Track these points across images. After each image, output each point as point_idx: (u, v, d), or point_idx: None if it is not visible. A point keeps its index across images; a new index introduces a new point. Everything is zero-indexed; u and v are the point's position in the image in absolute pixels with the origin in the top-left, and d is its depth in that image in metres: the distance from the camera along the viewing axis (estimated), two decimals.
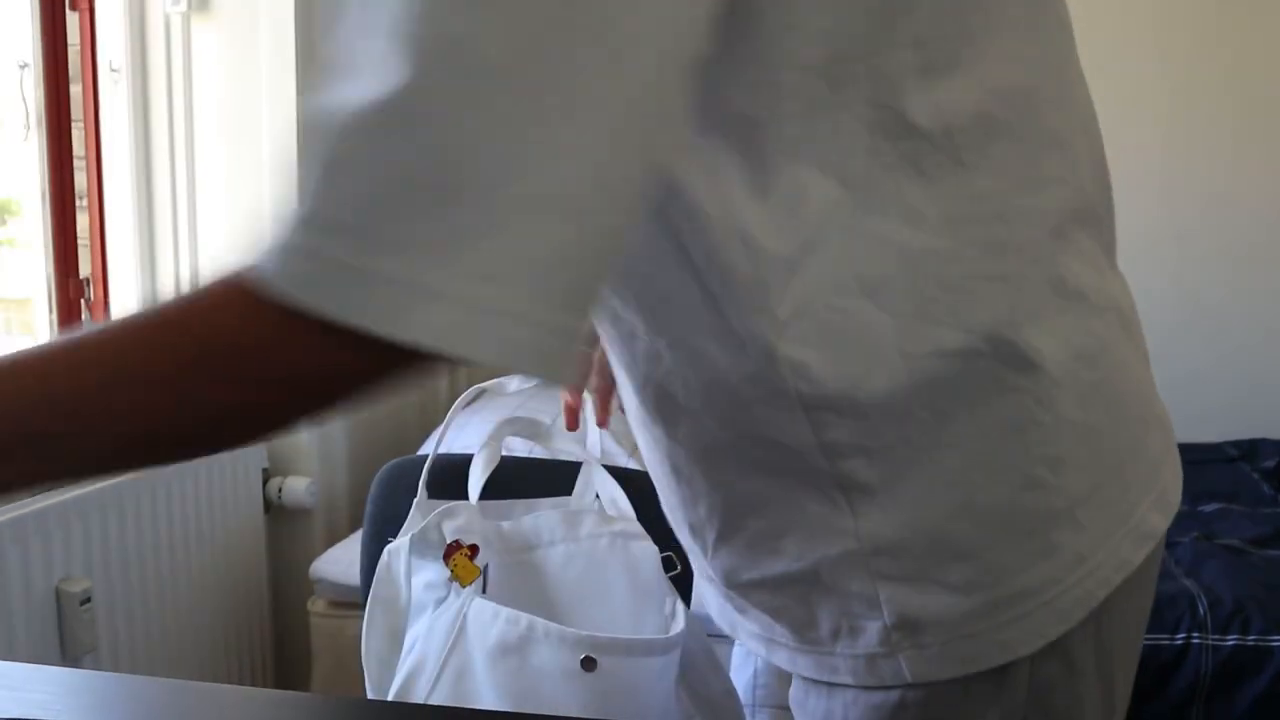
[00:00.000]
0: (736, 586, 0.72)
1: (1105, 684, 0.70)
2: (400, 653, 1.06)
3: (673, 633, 1.05)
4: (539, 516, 1.15)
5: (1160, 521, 0.70)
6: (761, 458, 0.64)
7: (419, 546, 1.09)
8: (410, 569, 1.08)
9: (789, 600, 0.69)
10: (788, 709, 1.73)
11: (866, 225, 0.57)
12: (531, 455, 1.28)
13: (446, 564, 1.06)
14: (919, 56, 0.55)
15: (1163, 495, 0.71)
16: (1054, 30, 0.63)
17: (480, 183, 0.43)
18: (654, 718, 1.00)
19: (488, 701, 0.98)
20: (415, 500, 1.15)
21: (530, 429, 1.24)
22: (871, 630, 0.65)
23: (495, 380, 1.21)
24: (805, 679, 0.72)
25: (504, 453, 1.27)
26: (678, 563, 1.11)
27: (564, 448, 1.24)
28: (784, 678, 0.89)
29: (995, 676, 0.65)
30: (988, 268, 0.60)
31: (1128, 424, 0.68)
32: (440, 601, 1.06)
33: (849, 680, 0.68)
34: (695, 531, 0.73)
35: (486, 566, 1.07)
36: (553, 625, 1.01)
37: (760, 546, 0.68)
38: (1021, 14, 0.60)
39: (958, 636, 0.64)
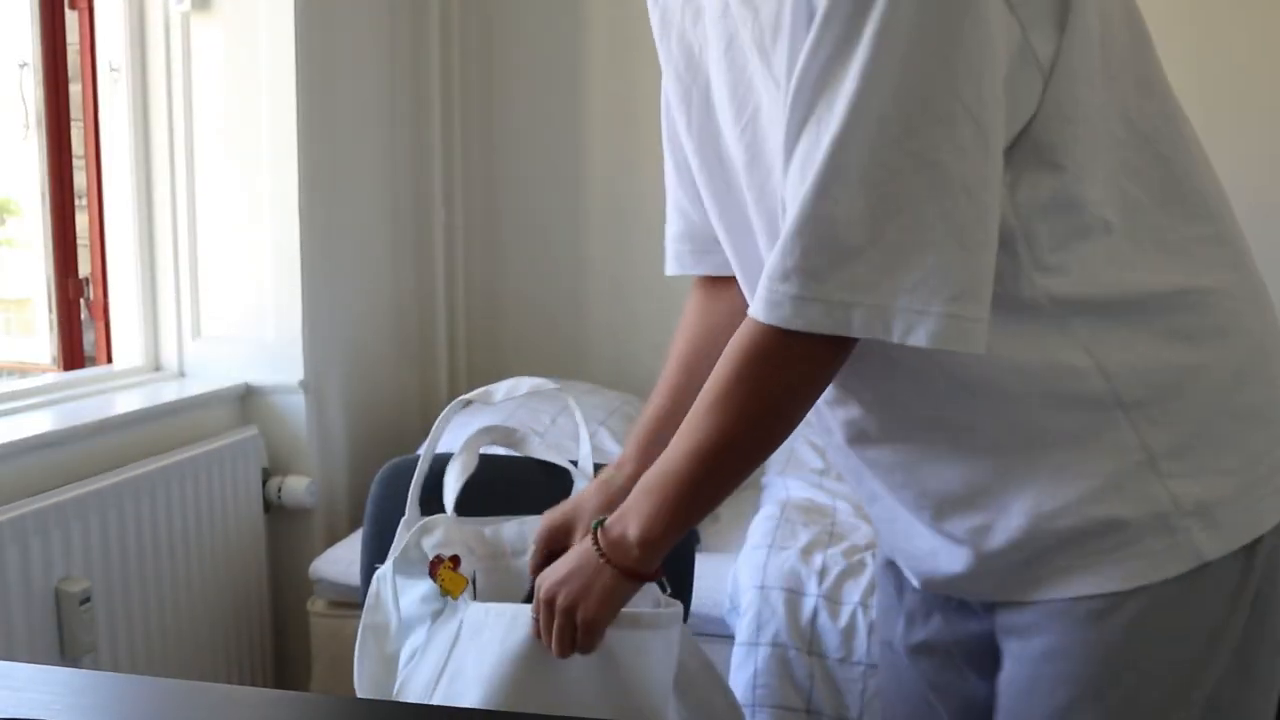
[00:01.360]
0: (1042, 520, 0.84)
1: None
2: (395, 678, 1.06)
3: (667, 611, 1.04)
4: (524, 523, 1.14)
5: None
6: (1050, 388, 0.81)
7: (403, 567, 1.08)
8: (397, 592, 1.08)
9: (1090, 521, 0.82)
10: (788, 709, 1.75)
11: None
12: (529, 456, 1.27)
13: (434, 580, 1.05)
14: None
15: None
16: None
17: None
18: (656, 694, 0.99)
19: (480, 691, 0.97)
20: (404, 519, 1.15)
21: (506, 437, 1.24)
22: (1167, 525, 0.80)
23: (481, 390, 1.19)
24: (1081, 600, 0.84)
25: (505, 451, 1.27)
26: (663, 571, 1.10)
27: (545, 456, 1.23)
28: (785, 677, 0.99)
29: (1248, 549, 0.82)
30: (1202, 232, 0.82)
31: None
32: (437, 614, 1.06)
33: (1142, 581, 0.81)
34: (987, 496, 0.86)
35: (474, 574, 1.07)
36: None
37: (1064, 477, 0.82)
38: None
39: (1234, 512, 0.81)
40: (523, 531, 1.14)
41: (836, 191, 0.74)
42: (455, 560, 1.06)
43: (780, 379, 0.82)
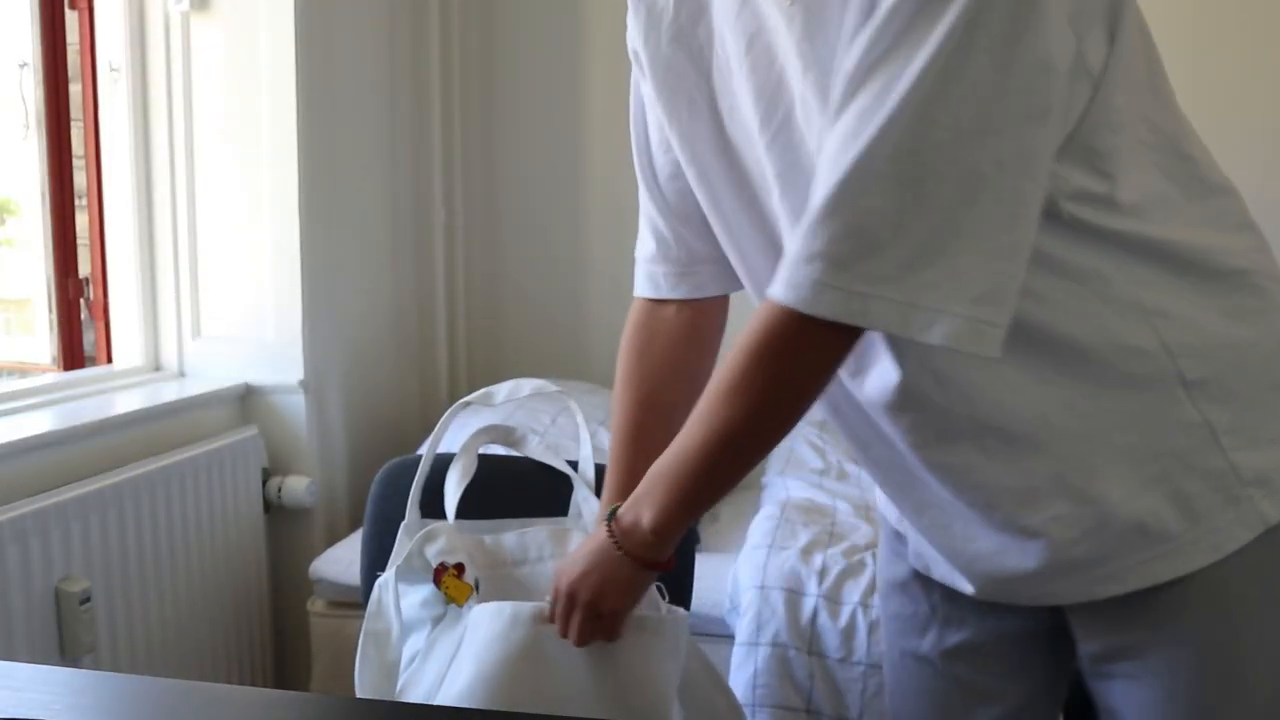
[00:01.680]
0: (1115, 504, 0.84)
1: None
2: (395, 684, 1.06)
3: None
4: (525, 534, 1.14)
5: None
6: (1118, 370, 0.83)
7: (405, 574, 1.08)
8: (399, 600, 1.08)
9: (1160, 501, 0.84)
10: (788, 709, 1.75)
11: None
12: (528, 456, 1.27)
13: (438, 588, 1.05)
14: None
15: None
16: None
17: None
18: (659, 697, 0.99)
19: (483, 688, 0.97)
20: (404, 523, 1.14)
21: (505, 436, 1.23)
22: (1232, 495, 0.84)
23: (482, 391, 1.19)
24: (1162, 590, 0.85)
25: (504, 450, 1.27)
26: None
27: (543, 458, 1.23)
28: (785, 677, 0.99)
29: None
30: (1230, 221, 0.86)
31: None
32: (438, 619, 1.05)
33: (1216, 555, 0.84)
34: (1060, 486, 0.85)
35: (477, 581, 1.07)
36: (543, 605, 0.99)
37: (1133, 458, 0.84)
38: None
39: None
40: (523, 541, 1.14)
41: (870, 183, 0.74)
42: (460, 568, 1.06)
43: (795, 365, 0.81)
